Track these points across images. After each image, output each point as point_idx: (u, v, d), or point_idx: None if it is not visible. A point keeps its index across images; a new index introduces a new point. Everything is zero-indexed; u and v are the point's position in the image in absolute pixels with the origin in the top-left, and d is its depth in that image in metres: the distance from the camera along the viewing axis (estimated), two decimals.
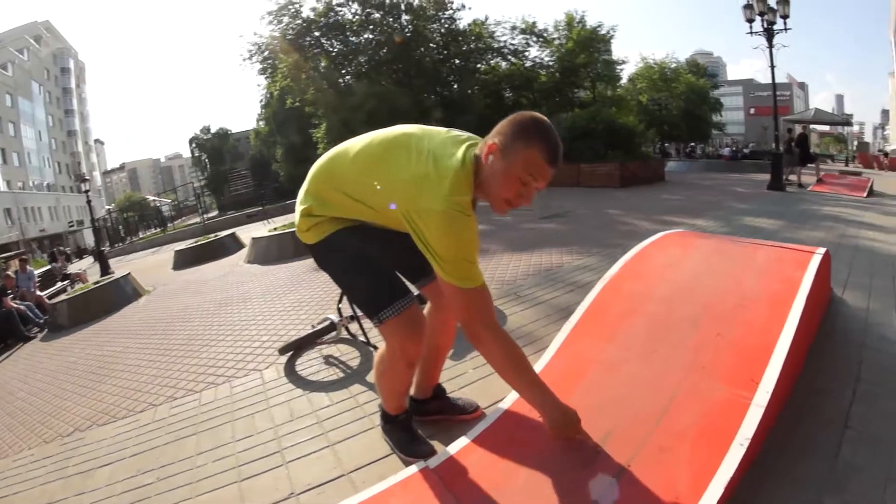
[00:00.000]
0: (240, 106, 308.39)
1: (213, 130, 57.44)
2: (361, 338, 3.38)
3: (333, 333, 3.60)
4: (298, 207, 1.84)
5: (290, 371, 3.34)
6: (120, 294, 8.48)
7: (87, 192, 17.47)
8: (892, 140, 48.65)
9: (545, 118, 1.59)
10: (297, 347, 3.59)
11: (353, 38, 25.26)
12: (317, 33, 24.83)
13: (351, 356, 3.37)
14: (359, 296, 1.91)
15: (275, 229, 9.89)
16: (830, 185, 11.51)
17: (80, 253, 34.12)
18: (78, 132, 62.91)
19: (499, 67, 28.16)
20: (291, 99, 26.45)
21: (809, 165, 12.96)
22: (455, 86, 26.85)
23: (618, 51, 68.03)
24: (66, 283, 12.22)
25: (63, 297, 9.04)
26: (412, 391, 2.22)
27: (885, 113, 67.87)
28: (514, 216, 9.50)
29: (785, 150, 12.49)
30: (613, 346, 2.01)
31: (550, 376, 1.89)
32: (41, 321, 8.52)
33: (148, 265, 13.76)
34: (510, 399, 1.99)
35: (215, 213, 27.49)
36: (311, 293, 5.60)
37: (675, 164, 25.23)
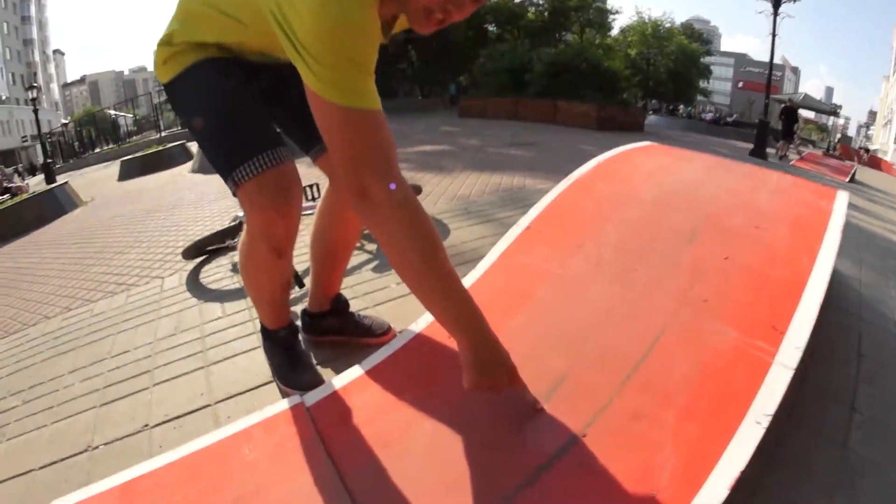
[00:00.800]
0: None
1: None
2: None
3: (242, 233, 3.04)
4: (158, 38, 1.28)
5: (194, 278, 2.91)
6: (54, 205, 8.11)
7: (34, 99, 16.35)
8: (876, 140, 48.97)
9: None
10: (201, 249, 3.13)
11: None
12: None
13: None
14: (210, 151, 1.29)
15: None
16: (814, 163, 11.30)
17: (33, 169, 32.59)
18: (35, 41, 59.02)
19: None
20: None
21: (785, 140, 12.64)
22: None
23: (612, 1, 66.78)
24: (6, 196, 11.43)
25: None
26: (308, 303, 1.74)
27: (873, 114, 67.97)
28: (481, 141, 9.19)
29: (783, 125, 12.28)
30: (576, 260, 1.40)
31: (481, 296, 1.26)
32: None
33: (95, 178, 13.30)
34: (427, 320, 1.41)
35: (177, 128, 26.16)
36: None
37: (657, 118, 24.85)
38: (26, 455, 1.63)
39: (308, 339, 1.75)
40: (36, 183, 16.88)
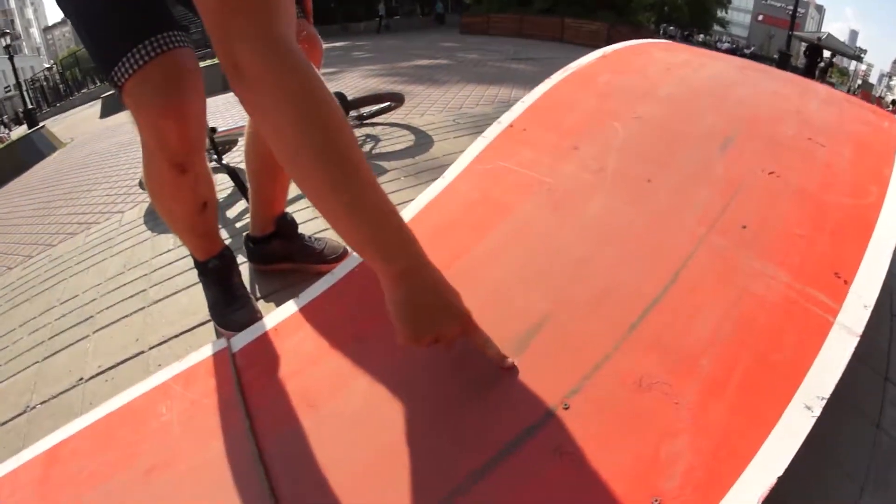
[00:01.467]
0: None
1: None
2: (215, 156, 2.49)
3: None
4: None
5: (151, 209, 2.61)
6: (31, 151, 7.98)
7: (7, 46, 15.61)
8: None
9: None
10: None
11: None
12: None
13: (223, 185, 2.58)
14: (88, 46, 0.98)
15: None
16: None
17: (19, 119, 31.94)
18: None
19: None
20: None
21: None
22: None
23: None
24: None
25: None
26: (250, 228, 1.50)
27: None
28: (481, 56, 8.83)
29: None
30: (571, 166, 1.07)
31: (444, 211, 1.06)
32: None
33: (77, 119, 12.90)
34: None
35: None
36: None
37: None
38: None
39: (254, 269, 1.54)
40: (21, 133, 16.72)
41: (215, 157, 2.38)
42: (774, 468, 0.56)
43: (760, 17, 70.08)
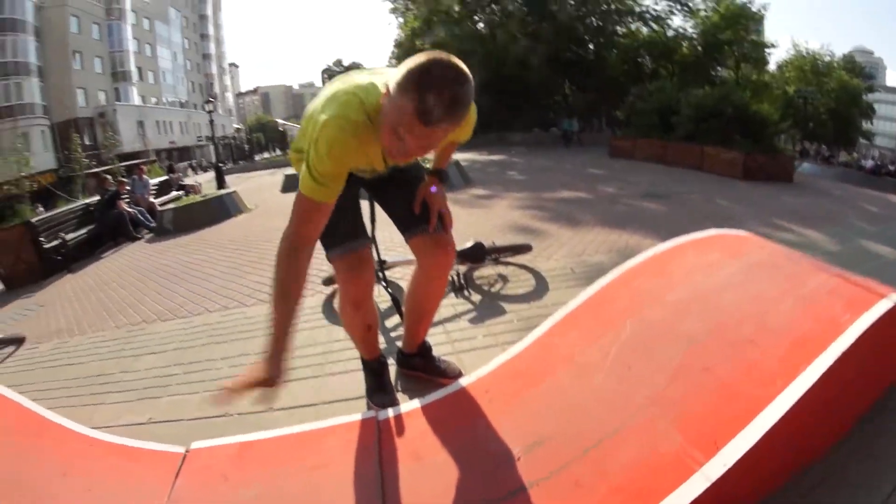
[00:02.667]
0: (373, 43, 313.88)
1: (345, 64, 59.32)
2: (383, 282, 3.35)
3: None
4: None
5: (328, 303, 3.54)
6: (222, 209, 9.36)
7: (210, 111, 18.87)
8: None
9: (446, 62, 1.28)
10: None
11: None
12: None
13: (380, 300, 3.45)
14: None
15: None
16: None
17: (206, 167, 36.93)
18: (213, 55, 67.74)
19: (639, 33, 27.18)
20: (420, 41, 26.65)
21: None
22: (591, 46, 25.92)
23: (769, 33, 62.00)
24: (181, 192, 12.87)
25: (171, 205, 9.91)
26: (402, 343, 2.29)
27: None
28: (619, 189, 9.24)
29: None
30: (594, 349, 1.73)
31: (517, 363, 1.79)
32: (150, 225, 9.38)
33: (259, 185, 14.83)
34: (475, 375, 1.92)
35: None
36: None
37: (810, 166, 22.84)
38: (181, 408, 2.46)
39: (399, 371, 2.33)
40: (206, 180, 19.12)
41: (384, 283, 3.09)
42: None
43: None
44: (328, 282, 3.69)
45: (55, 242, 7.64)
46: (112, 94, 45.15)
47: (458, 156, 13.54)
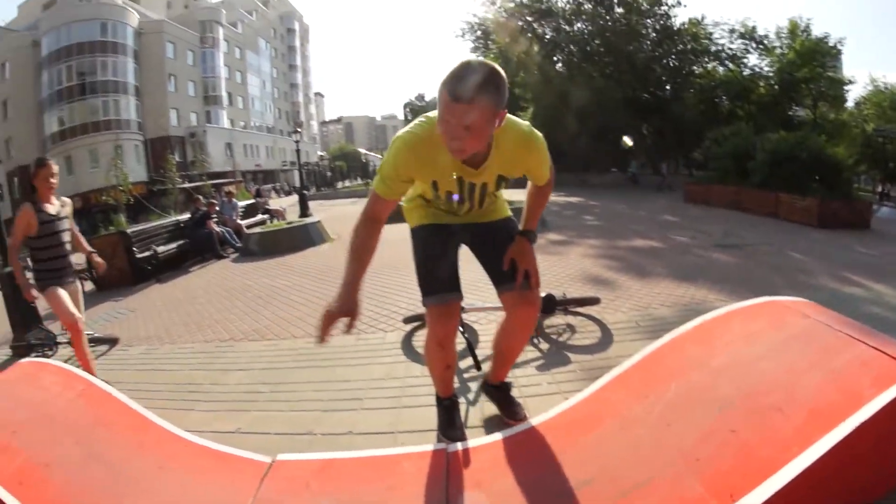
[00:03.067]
0: None
1: (427, 98, 60.86)
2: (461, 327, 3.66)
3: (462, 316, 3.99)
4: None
5: (408, 340, 3.94)
6: (306, 237, 9.96)
7: (297, 141, 20.08)
8: None
9: (475, 60, 1.63)
10: (419, 320, 4.06)
11: (566, 27, 25.39)
12: (529, 18, 25.33)
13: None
14: (417, 276, 2.23)
15: None
16: None
17: (290, 191, 38.41)
18: (300, 85, 72.59)
19: (715, 72, 26.89)
20: None
21: None
22: (667, 87, 25.78)
23: (846, 68, 59.63)
24: (266, 216, 13.75)
25: (257, 229, 10.67)
26: (489, 371, 2.60)
27: None
28: (691, 238, 9.30)
29: None
30: (640, 406, 2.01)
31: (573, 415, 2.11)
32: (237, 245, 10.12)
33: (341, 214, 15.40)
34: (538, 419, 2.23)
35: None
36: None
37: (889, 210, 21.45)
38: (267, 423, 2.78)
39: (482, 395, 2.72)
40: (290, 204, 19.96)
41: (461, 328, 3.32)
42: None
43: None
44: (409, 320, 4.10)
45: (147, 253, 8.50)
46: (203, 117, 48.89)
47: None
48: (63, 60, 39.33)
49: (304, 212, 16.67)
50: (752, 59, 26.56)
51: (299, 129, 22.02)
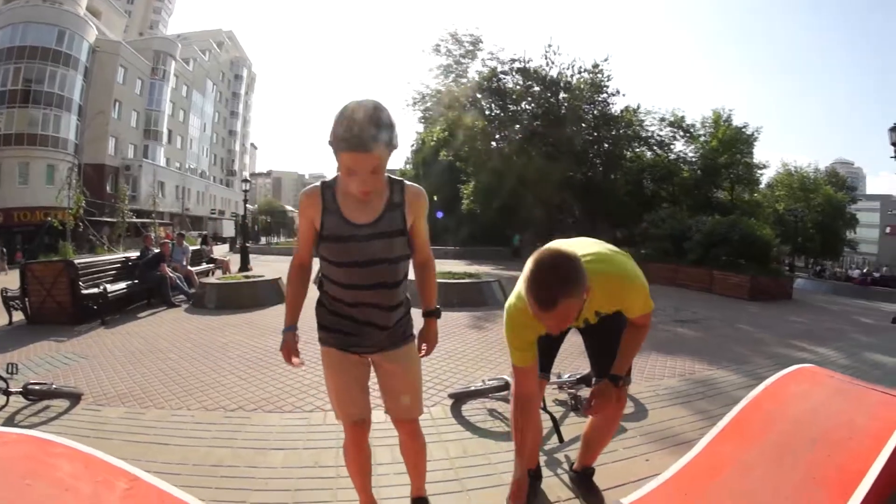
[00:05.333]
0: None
1: None
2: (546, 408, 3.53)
3: (505, 392, 4.00)
4: None
5: (457, 413, 3.89)
6: (269, 294, 9.27)
7: (245, 191, 19.90)
8: None
9: (549, 260, 1.77)
10: (468, 397, 4.09)
11: (512, 106, 26.49)
12: (479, 95, 26.33)
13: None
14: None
15: None
16: None
17: (216, 240, 37.28)
18: (238, 133, 71.00)
19: (643, 156, 28.45)
20: (445, 152, 27.86)
21: None
22: (600, 168, 27.18)
23: (759, 153, 66.64)
24: (210, 265, 13.01)
25: (214, 280, 9.96)
26: (577, 458, 2.73)
27: None
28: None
29: None
30: (749, 451, 2.36)
31: (696, 468, 2.36)
32: (188, 293, 9.41)
33: (285, 271, 14.98)
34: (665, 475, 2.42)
35: None
36: (462, 346, 6.12)
37: (803, 281, 24.37)
38: None
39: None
40: (222, 254, 19.33)
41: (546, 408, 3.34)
42: None
43: (888, 230, 66.57)
44: (456, 396, 4.12)
45: (94, 290, 7.48)
46: (141, 150, 46.41)
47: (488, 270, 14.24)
48: (12, 61, 36.19)
49: (245, 265, 16.16)
50: (679, 146, 28.67)
51: (249, 179, 21.66)
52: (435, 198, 39.96)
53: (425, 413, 3.67)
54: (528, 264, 1.79)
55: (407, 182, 1.97)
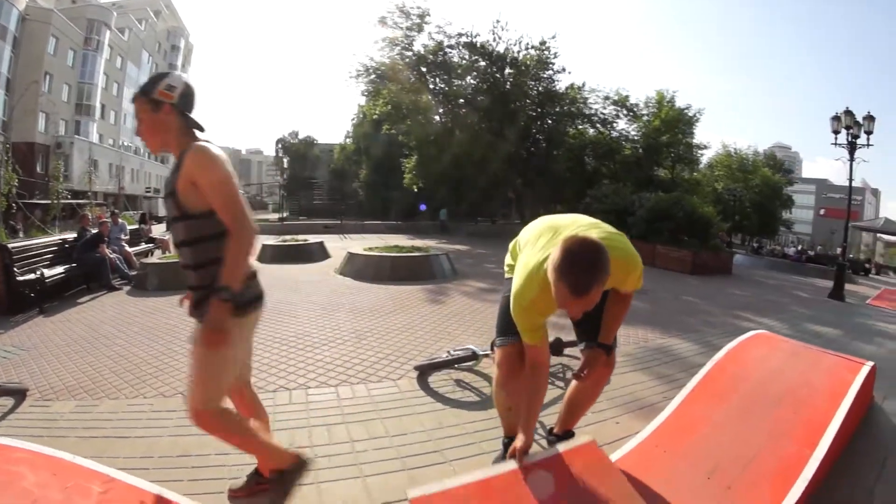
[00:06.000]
0: (329, 118, 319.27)
1: (301, 136, 59.69)
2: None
3: (472, 363, 4.13)
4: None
5: (423, 384, 3.90)
6: None
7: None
8: None
9: (582, 250, 1.83)
10: (433, 368, 4.11)
11: (457, 81, 26.24)
12: (423, 69, 25.96)
13: (482, 384, 3.93)
14: (498, 321, 2.50)
15: (370, 249, 10.35)
16: (890, 301, 11.59)
17: (153, 219, 35.70)
18: None
19: (586, 133, 28.77)
20: (388, 126, 27.54)
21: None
22: (543, 144, 27.36)
23: (701, 134, 69.64)
24: (150, 245, 12.38)
25: (156, 259, 9.44)
26: (557, 421, 2.75)
27: None
28: None
29: None
30: (718, 410, 2.62)
31: (671, 427, 2.57)
32: (128, 275, 8.85)
33: None
34: (647, 430, 2.65)
35: (286, 214, 29.31)
36: (418, 319, 6.11)
37: (741, 257, 25.02)
38: (347, 491, 2.48)
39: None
40: (161, 233, 18.46)
41: None
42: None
43: (822, 212, 71.03)
44: (422, 368, 4.12)
45: (31, 276, 6.90)
46: (72, 126, 43.70)
47: (433, 244, 14.19)
48: None
49: None
50: (622, 124, 29.30)
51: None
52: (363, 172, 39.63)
53: (393, 386, 3.80)
54: (557, 253, 1.83)
55: (196, 144, 1.99)
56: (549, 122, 27.64)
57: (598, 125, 28.68)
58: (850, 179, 12.38)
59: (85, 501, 1.66)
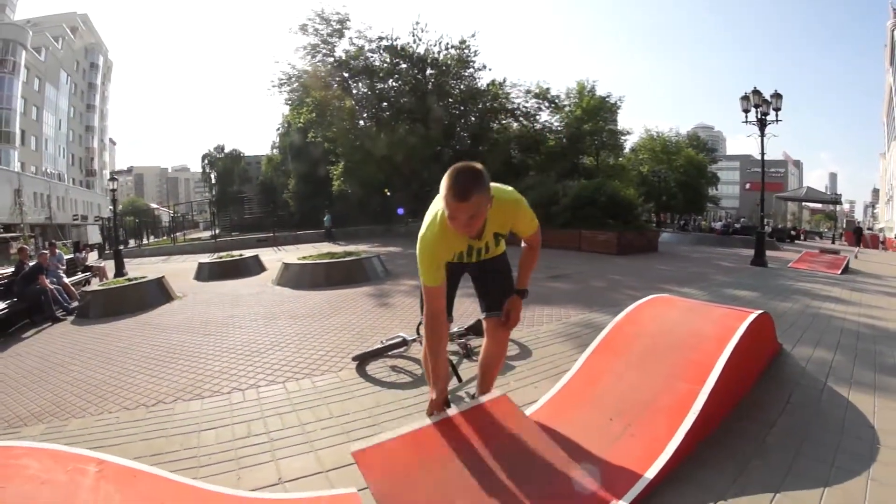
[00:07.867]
0: (254, 130, 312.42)
1: (227, 150, 58.23)
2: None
3: (404, 348, 4.55)
4: None
5: (362, 373, 4.23)
6: (154, 295, 8.91)
7: (113, 190, 18.32)
8: (881, 218, 48.94)
9: (462, 165, 2.25)
10: (371, 357, 4.48)
11: (379, 84, 26.46)
12: (346, 74, 26.10)
13: (413, 367, 4.30)
14: (420, 302, 2.79)
15: (304, 258, 10.59)
16: (809, 262, 12.48)
17: (84, 247, 34.29)
18: (96, 129, 64.14)
19: (510, 128, 29.26)
20: (314, 133, 27.42)
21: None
22: (468, 141, 27.88)
23: (623, 121, 72.60)
24: (87, 274, 12.18)
25: (97, 287, 9.25)
26: (477, 388, 3.06)
27: (876, 192, 68.14)
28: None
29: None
30: (619, 363, 3.04)
31: (578, 381, 3.00)
32: (69, 306, 8.74)
33: (167, 272, 14.00)
34: (555, 388, 3.09)
35: (218, 231, 28.81)
36: (355, 318, 6.41)
37: (668, 235, 26.18)
38: (307, 463, 2.81)
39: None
40: (95, 260, 17.86)
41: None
42: (690, 420, 2.44)
43: (748, 186, 75.06)
44: (360, 358, 4.46)
45: None
46: None
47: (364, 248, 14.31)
48: None
49: (121, 270, 15.26)
50: (544, 116, 30.00)
51: (116, 178, 20.06)
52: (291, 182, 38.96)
53: (335, 377, 4.17)
54: (446, 175, 2.21)
55: None
56: (473, 119, 28.23)
57: (522, 119, 29.29)
58: (763, 154, 13.34)
59: (85, 479, 1.96)
